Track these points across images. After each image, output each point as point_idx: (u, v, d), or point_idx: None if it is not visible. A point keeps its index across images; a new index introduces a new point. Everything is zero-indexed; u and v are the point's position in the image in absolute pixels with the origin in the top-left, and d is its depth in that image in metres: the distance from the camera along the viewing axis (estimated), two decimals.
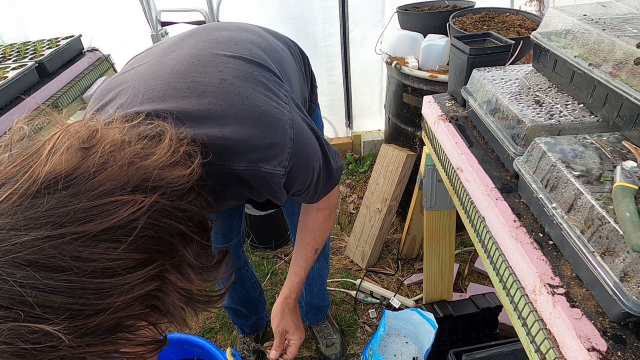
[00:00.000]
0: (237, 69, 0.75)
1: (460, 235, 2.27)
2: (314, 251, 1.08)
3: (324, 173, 0.88)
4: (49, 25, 2.35)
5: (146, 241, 0.51)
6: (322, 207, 1.02)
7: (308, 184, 0.84)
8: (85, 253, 0.46)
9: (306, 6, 2.47)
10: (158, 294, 0.54)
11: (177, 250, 0.56)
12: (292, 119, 0.75)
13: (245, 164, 0.69)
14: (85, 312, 0.46)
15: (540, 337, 0.66)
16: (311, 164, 0.81)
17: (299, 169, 0.78)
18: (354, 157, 2.96)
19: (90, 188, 0.48)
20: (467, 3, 2.11)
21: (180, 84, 0.71)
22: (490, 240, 0.85)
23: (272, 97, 0.75)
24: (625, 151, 0.72)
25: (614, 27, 0.84)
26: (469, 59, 1.13)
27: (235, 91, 0.71)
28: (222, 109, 0.69)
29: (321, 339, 1.83)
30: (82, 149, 0.51)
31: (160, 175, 0.55)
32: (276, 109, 0.73)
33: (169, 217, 0.54)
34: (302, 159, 0.77)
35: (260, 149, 0.70)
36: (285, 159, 0.72)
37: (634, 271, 0.55)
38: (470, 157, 0.98)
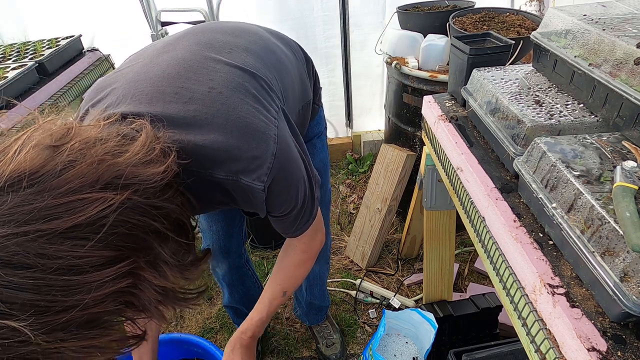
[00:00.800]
0: (228, 78, 0.75)
1: (460, 235, 2.27)
2: (282, 293, 1.03)
3: (308, 200, 0.85)
4: (49, 25, 2.35)
5: (117, 238, 0.51)
6: (302, 249, 0.99)
7: (292, 207, 0.82)
8: (51, 250, 0.45)
9: (306, 7, 2.47)
10: (132, 291, 0.54)
11: (152, 247, 0.56)
12: (277, 135, 0.74)
13: (225, 174, 0.70)
14: (53, 308, 0.46)
15: (540, 337, 0.66)
16: (294, 185, 0.80)
17: (280, 188, 0.76)
18: (354, 157, 2.96)
19: (56, 186, 0.48)
20: (467, 3, 2.11)
21: (169, 89, 0.71)
22: (490, 240, 0.85)
23: (261, 109, 0.74)
24: (625, 151, 0.72)
25: (614, 27, 0.84)
26: (469, 59, 1.13)
27: (223, 100, 0.71)
28: (207, 117, 0.69)
29: (321, 339, 1.83)
30: (51, 147, 0.51)
31: (133, 172, 0.54)
32: (262, 122, 0.73)
33: (142, 215, 0.54)
34: (283, 177, 0.75)
35: (241, 161, 0.69)
36: (265, 173, 0.71)
37: (634, 271, 0.55)
38: (470, 157, 0.98)
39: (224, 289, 1.62)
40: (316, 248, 1.02)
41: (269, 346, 1.86)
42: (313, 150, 1.25)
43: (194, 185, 0.68)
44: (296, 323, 1.96)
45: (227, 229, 1.36)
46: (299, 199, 0.82)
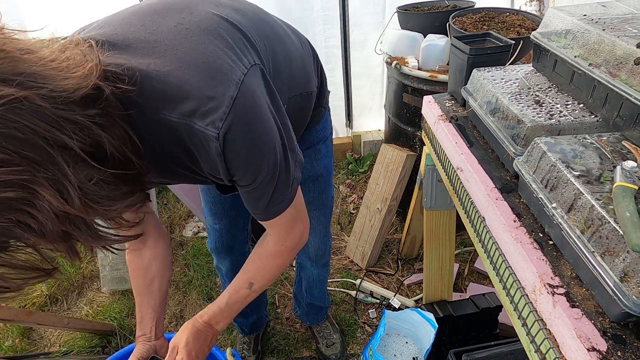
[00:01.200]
0: (201, 21, 0.69)
1: (460, 235, 2.27)
2: (247, 284, 0.95)
3: (281, 175, 0.77)
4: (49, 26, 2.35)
5: (6, 139, 0.46)
6: (276, 240, 0.91)
7: (257, 175, 0.73)
8: None
9: (306, 7, 2.47)
10: (27, 209, 0.49)
11: (57, 164, 0.50)
12: (242, 81, 0.66)
13: (177, 116, 0.64)
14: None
15: (540, 337, 0.66)
16: (259, 146, 0.71)
17: (240, 143, 0.68)
18: (354, 157, 2.96)
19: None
20: (467, 3, 2.11)
21: (137, 21, 0.69)
22: (490, 240, 0.85)
23: (230, 55, 0.67)
24: (625, 151, 0.72)
25: (614, 27, 0.84)
26: (469, 59, 1.13)
27: (187, 36, 0.66)
28: (166, 49, 0.64)
29: (321, 339, 1.83)
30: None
31: (43, 74, 0.49)
32: (227, 64, 0.66)
33: (47, 122, 0.49)
34: (244, 130, 0.67)
35: (193, 99, 0.63)
36: (220, 118, 0.63)
37: (634, 271, 0.55)
38: (470, 157, 0.98)
39: (225, 286, 1.62)
40: (293, 242, 0.92)
41: (269, 346, 1.86)
42: (317, 156, 1.22)
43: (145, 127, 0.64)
44: (296, 323, 1.96)
45: (230, 228, 1.37)
46: (266, 167, 0.73)
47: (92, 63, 0.55)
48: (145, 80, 0.62)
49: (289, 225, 0.89)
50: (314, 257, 1.48)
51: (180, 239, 2.44)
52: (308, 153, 1.20)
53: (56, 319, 1.69)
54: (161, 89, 0.63)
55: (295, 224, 0.91)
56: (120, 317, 1.98)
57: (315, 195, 1.29)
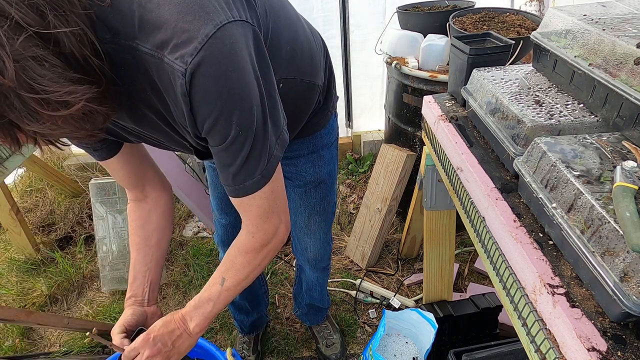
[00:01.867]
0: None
1: (460, 235, 2.27)
2: (220, 279, 0.89)
3: (258, 141, 0.71)
4: None
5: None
6: (250, 230, 0.84)
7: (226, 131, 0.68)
8: None
9: (306, 7, 2.47)
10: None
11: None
12: (223, 24, 0.62)
13: (150, 47, 0.61)
14: None
15: (540, 337, 0.66)
16: (233, 98, 0.65)
17: (210, 85, 0.63)
18: (354, 157, 2.97)
19: None
20: (467, 3, 2.12)
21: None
22: (490, 240, 0.85)
23: (221, 2, 0.64)
24: (625, 151, 0.72)
25: (614, 27, 0.84)
26: (469, 59, 1.13)
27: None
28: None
29: (321, 339, 1.83)
30: None
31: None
32: (212, 5, 0.62)
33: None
34: (215, 71, 0.62)
35: (169, 30, 0.60)
36: (190, 54, 0.60)
37: (634, 271, 0.55)
38: (470, 157, 0.98)
39: None
40: (267, 236, 0.85)
41: (269, 346, 1.86)
42: (321, 162, 1.20)
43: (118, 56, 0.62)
44: (296, 323, 1.96)
45: (236, 223, 1.35)
46: (237, 124, 0.68)
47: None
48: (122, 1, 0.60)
49: (262, 213, 0.81)
50: (313, 261, 1.48)
51: (180, 239, 2.44)
52: (312, 158, 1.19)
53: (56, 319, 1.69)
54: (139, 14, 0.60)
55: (271, 215, 0.83)
56: None
57: (316, 201, 1.29)
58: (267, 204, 0.81)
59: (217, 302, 0.90)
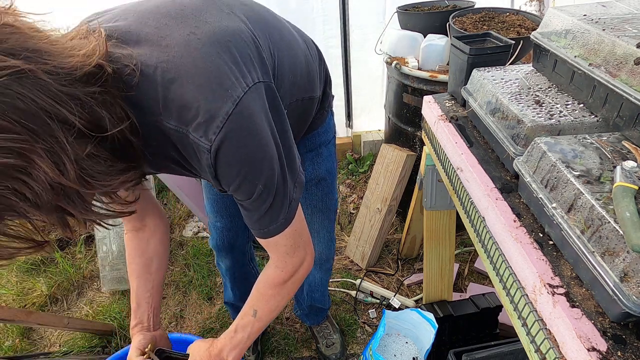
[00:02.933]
0: (214, 32, 0.70)
1: (460, 235, 2.27)
2: (252, 311, 0.94)
3: (278, 194, 0.77)
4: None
5: (8, 108, 0.47)
6: (277, 264, 0.89)
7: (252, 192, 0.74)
8: None
9: (306, 7, 2.47)
10: (23, 178, 0.50)
11: (56, 137, 0.52)
12: (240, 98, 0.67)
13: (175, 123, 0.66)
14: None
15: (540, 337, 0.66)
16: (254, 164, 0.71)
17: (231, 158, 0.68)
18: (354, 157, 2.97)
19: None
20: (467, 3, 2.11)
21: (152, 22, 0.69)
22: (490, 240, 0.85)
23: (234, 70, 0.68)
24: (625, 151, 0.72)
25: (614, 27, 0.84)
26: (469, 59, 1.13)
27: (197, 46, 0.67)
28: (175, 56, 0.65)
29: (321, 339, 1.83)
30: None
31: (48, 50, 0.51)
32: (229, 80, 0.67)
33: (48, 96, 0.51)
34: (237, 145, 0.68)
35: (191, 110, 0.65)
36: (213, 132, 0.65)
37: (634, 271, 0.55)
38: (470, 157, 0.98)
39: (226, 284, 1.61)
40: (294, 268, 0.90)
41: (269, 346, 1.86)
42: (319, 159, 1.22)
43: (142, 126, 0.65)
44: (296, 323, 1.96)
45: (231, 226, 1.36)
46: (259, 184, 0.73)
47: (95, 43, 0.57)
48: (147, 82, 0.64)
49: (289, 250, 0.87)
50: (318, 261, 1.48)
51: (180, 239, 2.44)
52: (310, 156, 1.20)
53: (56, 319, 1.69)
54: (163, 94, 0.64)
55: (297, 250, 0.88)
56: (120, 317, 1.98)
57: (318, 199, 1.29)
58: (292, 242, 0.86)
59: (251, 333, 0.96)
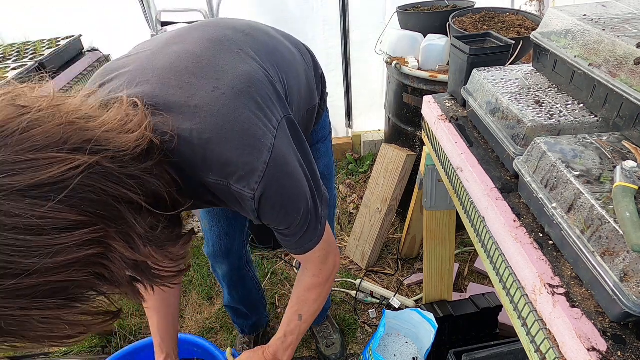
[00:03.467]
0: (233, 81, 0.74)
1: (460, 235, 2.27)
2: (297, 316, 1.02)
3: (311, 219, 0.83)
4: (49, 25, 2.35)
5: (84, 203, 0.49)
6: (313, 272, 0.97)
7: (290, 224, 0.80)
8: (7, 207, 0.44)
9: (307, 8, 2.47)
10: (102, 262, 0.53)
11: (125, 218, 0.54)
12: (273, 145, 0.72)
13: (216, 178, 0.69)
14: (10, 270, 0.44)
15: (540, 337, 0.66)
16: (291, 200, 0.77)
17: (274, 201, 0.74)
18: (354, 157, 2.96)
19: (18, 142, 0.46)
20: (467, 3, 2.11)
21: (174, 81, 0.71)
22: (490, 240, 0.85)
23: (261, 117, 0.73)
24: (625, 151, 0.72)
25: (614, 27, 0.84)
26: (469, 59, 1.13)
27: (225, 102, 0.70)
28: (206, 116, 0.68)
29: (321, 339, 1.83)
30: (19, 106, 0.49)
31: (105, 137, 0.53)
32: (260, 130, 0.71)
33: (114, 182, 0.53)
34: (277, 189, 0.73)
35: (232, 165, 0.69)
36: (255, 182, 0.70)
37: (634, 271, 0.55)
38: (470, 157, 0.98)
39: (224, 289, 1.62)
40: (328, 272, 0.99)
41: None
42: (317, 155, 1.24)
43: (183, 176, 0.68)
44: None
45: (229, 231, 1.36)
46: (298, 216, 0.80)
47: (146, 122, 0.61)
48: (185, 145, 0.67)
49: (322, 259, 0.94)
50: None
51: None
52: None
53: None
54: (202, 155, 0.68)
55: (328, 257, 0.96)
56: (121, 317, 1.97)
57: None
58: (325, 251, 0.93)
59: (299, 334, 1.04)
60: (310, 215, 0.83)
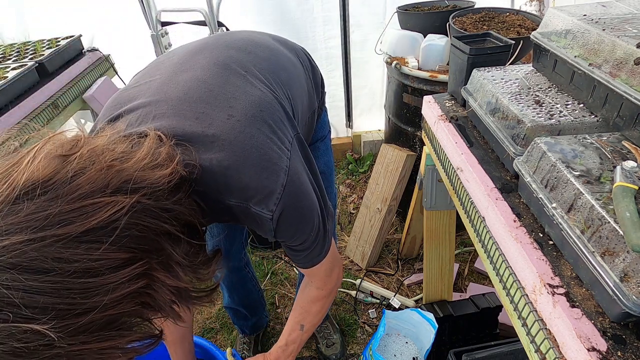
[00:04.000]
0: (246, 108, 0.76)
1: (460, 235, 2.27)
2: (299, 326, 1.05)
3: (320, 233, 0.86)
4: (49, 25, 2.35)
5: (130, 240, 0.53)
6: (318, 285, 1.00)
7: (304, 240, 0.83)
8: (67, 254, 0.47)
9: (307, 8, 2.47)
10: (147, 292, 0.56)
11: (164, 249, 0.58)
12: (288, 167, 0.76)
13: (236, 200, 0.72)
14: (73, 311, 0.47)
15: (540, 337, 0.66)
16: (305, 218, 0.81)
17: (290, 219, 0.77)
18: (354, 157, 2.96)
19: (68, 192, 0.50)
20: (467, 3, 2.11)
21: (190, 113, 0.73)
22: (490, 240, 0.85)
23: (275, 140, 0.77)
24: (625, 151, 0.72)
25: (614, 27, 0.84)
26: (469, 59, 1.13)
27: (240, 129, 0.73)
28: (224, 144, 0.71)
29: (321, 339, 1.83)
30: (61, 156, 0.52)
31: (141, 176, 0.57)
32: (275, 153, 0.75)
33: (152, 217, 0.56)
34: (293, 209, 0.77)
35: (250, 189, 0.72)
36: (274, 203, 0.73)
37: (634, 271, 0.55)
38: (470, 157, 0.98)
39: (223, 291, 1.62)
40: (332, 285, 1.01)
41: (269, 346, 1.86)
42: (317, 154, 1.25)
43: (205, 199, 0.71)
44: None
45: (229, 232, 1.36)
46: (311, 232, 0.83)
47: (177, 157, 0.64)
48: (207, 174, 0.69)
49: (328, 272, 0.97)
50: None
51: None
52: None
53: None
54: (223, 182, 0.71)
55: (333, 270, 0.98)
56: None
57: None
58: (330, 265, 0.95)
59: (300, 343, 1.08)
60: (320, 230, 0.86)
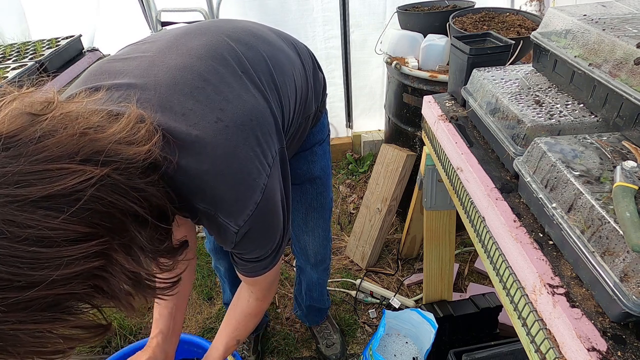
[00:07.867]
0: (237, 115, 0.72)
1: (460, 235, 2.27)
2: (235, 341, 1.01)
3: (274, 252, 0.85)
4: (49, 25, 2.35)
5: (92, 215, 0.49)
6: (258, 296, 0.96)
7: (260, 255, 0.81)
8: (21, 218, 0.43)
9: (307, 8, 2.47)
10: (103, 274, 0.52)
11: (128, 230, 0.55)
12: (266, 184, 0.73)
13: (205, 205, 0.69)
14: (16, 283, 0.43)
15: (540, 337, 0.66)
16: (268, 237, 0.79)
17: (255, 236, 0.75)
18: (354, 157, 2.96)
19: (33, 152, 0.46)
20: (467, 3, 2.11)
21: (177, 106, 0.68)
22: (490, 240, 0.85)
23: (259, 154, 0.73)
24: (625, 151, 0.72)
25: (614, 27, 0.84)
26: (469, 59, 1.13)
27: (227, 136, 0.69)
28: (206, 149, 0.67)
29: (321, 339, 1.83)
30: (31, 114, 0.48)
31: (115, 149, 0.53)
32: (256, 169, 0.72)
33: (121, 194, 0.52)
34: (261, 227, 0.75)
35: (224, 200, 0.69)
36: (243, 219, 0.71)
37: (634, 271, 0.55)
38: (470, 157, 0.98)
39: (224, 286, 1.61)
40: (270, 298, 0.99)
41: (269, 346, 1.86)
42: (313, 158, 1.22)
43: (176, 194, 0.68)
44: (296, 323, 1.96)
45: None
46: (270, 249, 0.82)
47: (155, 137, 0.60)
48: (182, 174, 0.66)
49: (270, 284, 0.95)
50: (314, 261, 1.48)
51: None
52: (304, 155, 1.20)
53: None
54: (197, 185, 0.67)
55: (274, 283, 0.96)
56: (121, 317, 1.97)
57: (313, 197, 1.29)
58: (273, 277, 0.93)
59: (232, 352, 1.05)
60: (277, 249, 0.84)
